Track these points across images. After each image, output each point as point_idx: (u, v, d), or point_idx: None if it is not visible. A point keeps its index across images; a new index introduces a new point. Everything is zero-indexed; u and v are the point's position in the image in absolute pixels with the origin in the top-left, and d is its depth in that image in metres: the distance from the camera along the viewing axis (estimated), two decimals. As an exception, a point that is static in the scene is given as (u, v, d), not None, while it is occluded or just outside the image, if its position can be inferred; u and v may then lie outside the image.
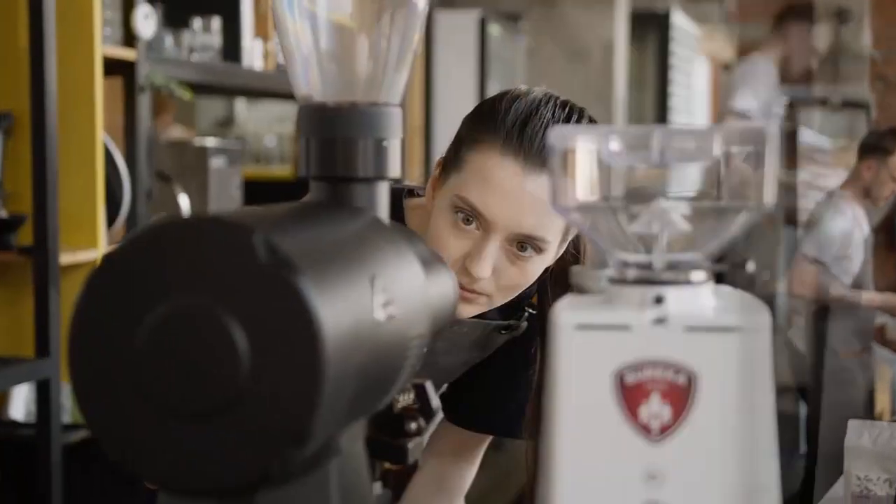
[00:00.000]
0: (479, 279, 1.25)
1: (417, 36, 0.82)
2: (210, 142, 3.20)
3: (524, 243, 1.25)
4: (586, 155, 0.69)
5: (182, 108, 4.25)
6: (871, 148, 4.29)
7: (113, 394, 0.61)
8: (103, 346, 0.61)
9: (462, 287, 1.25)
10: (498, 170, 1.23)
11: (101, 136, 2.56)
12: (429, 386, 0.83)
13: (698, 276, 0.68)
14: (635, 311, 0.67)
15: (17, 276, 2.50)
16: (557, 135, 0.69)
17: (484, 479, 1.72)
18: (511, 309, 1.39)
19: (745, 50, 9.61)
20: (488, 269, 1.25)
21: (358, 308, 0.64)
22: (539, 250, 1.26)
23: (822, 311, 4.39)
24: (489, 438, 1.55)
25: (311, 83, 0.80)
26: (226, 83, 3.29)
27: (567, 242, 1.33)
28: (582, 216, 0.71)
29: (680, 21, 7.49)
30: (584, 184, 0.70)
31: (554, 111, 1.27)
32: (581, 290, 0.75)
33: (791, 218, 4.53)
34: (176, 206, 2.89)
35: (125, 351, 0.61)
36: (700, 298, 0.68)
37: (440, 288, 0.81)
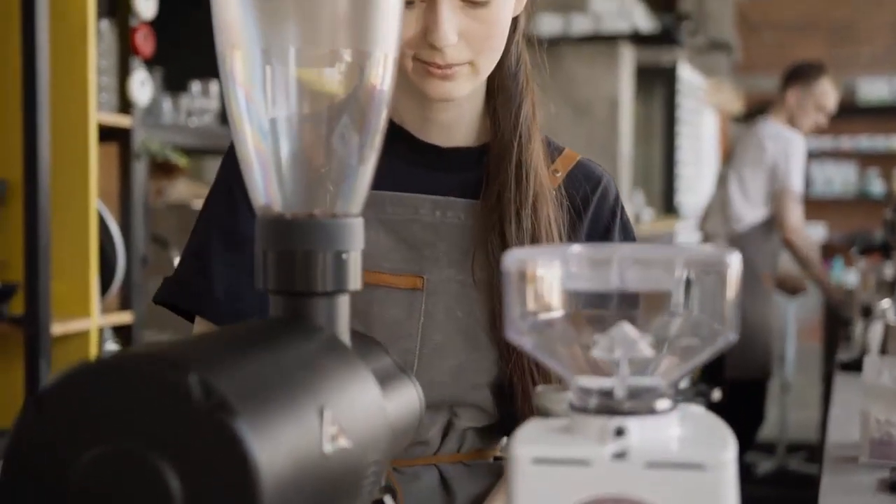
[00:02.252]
0: (446, 47, 1.16)
1: (379, 140, 0.80)
2: (209, 204, 3.18)
3: None
4: (543, 278, 0.67)
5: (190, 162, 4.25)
6: (795, 76, 4.44)
7: (41, 542, 0.58)
8: (35, 488, 0.59)
9: (437, 66, 1.18)
10: None
11: (95, 204, 2.54)
12: (388, 501, 0.80)
13: (662, 404, 0.65)
14: (595, 444, 0.64)
15: (8, 346, 2.48)
16: (513, 257, 0.67)
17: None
18: None
19: (752, 101, 9.65)
20: (451, 33, 1.16)
21: (303, 445, 0.61)
22: None
23: (751, 233, 4.42)
24: None
25: (269, 193, 0.78)
26: (224, 147, 3.28)
27: None
28: (539, 340, 0.68)
29: (686, 74, 7.49)
30: (540, 307, 0.67)
31: None
32: (544, 413, 0.72)
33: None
34: (172, 271, 2.87)
35: (57, 495, 0.58)
36: (664, 429, 0.65)
37: (401, 403, 0.79)
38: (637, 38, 5.54)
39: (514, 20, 1.26)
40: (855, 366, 2.72)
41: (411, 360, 1.24)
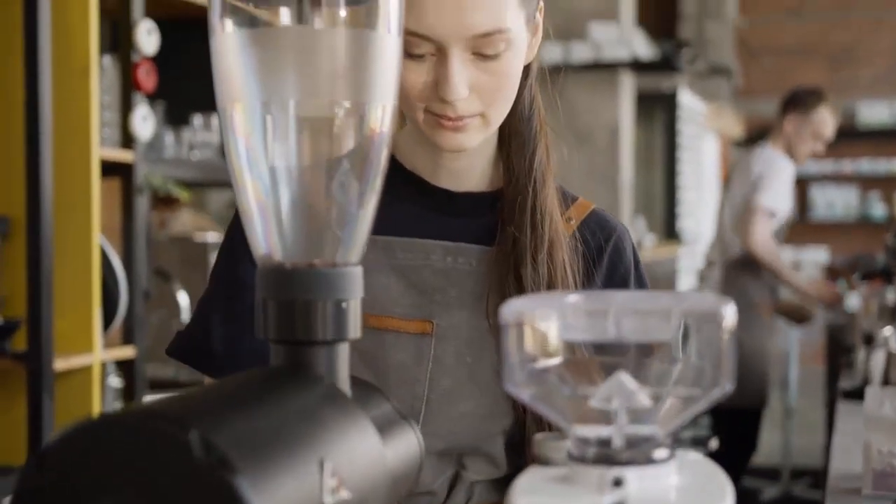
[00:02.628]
0: (457, 101, 1.15)
1: (377, 188, 0.80)
2: (211, 237, 3.20)
3: (485, 44, 1.14)
4: (541, 329, 0.67)
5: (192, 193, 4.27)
6: (793, 104, 4.45)
7: None
8: (37, 544, 0.59)
9: (448, 118, 1.17)
10: None
11: (97, 239, 2.55)
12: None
13: (660, 453, 0.66)
14: (593, 495, 0.64)
15: (11, 382, 2.49)
16: (510, 310, 0.67)
17: None
18: None
19: (752, 125, 9.68)
20: (462, 87, 1.15)
21: (304, 498, 0.62)
22: (506, 43, 1.15)
23: (744, 262, 4.42)
24: None
25: (269, 243, 0.79)
26: (225, 180, 3.30)
27: (535, 21, 1.23)
28: (537, 391, 0.68)
29: (687, 99, 7.52)
30: (538, 358, 0.68)
31: None
32: (543, 461, 0.72)
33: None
34: (175, 304, 2.88)
35: (59, 550, 0.58)
36: (662, 479, 0.65)
37: (401, 450, 0.79)
38: (637, 66, 5.57)
39: (527, 66, 1.26)
40: (857, 394, 2.72)
41: (419, 406, 1.22)
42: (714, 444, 3.99)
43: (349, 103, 0.78)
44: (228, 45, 0.77)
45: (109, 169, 2.68)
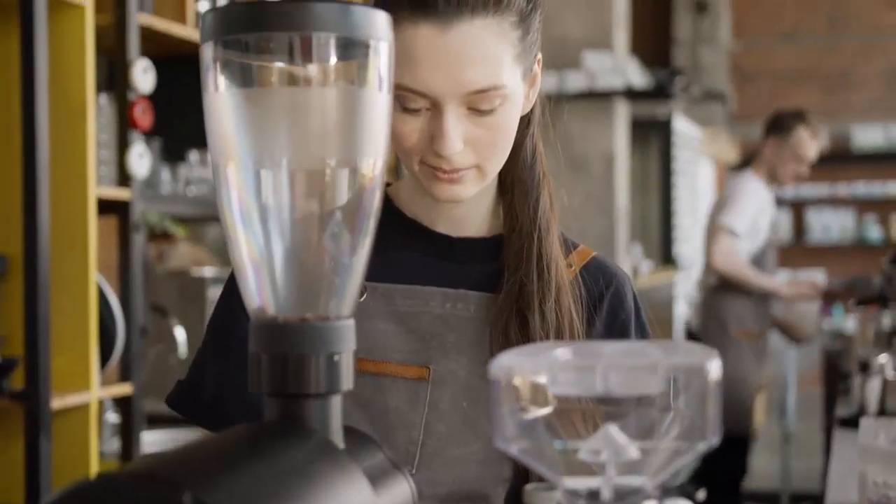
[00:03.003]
0: (452, 155, 1.16)
1: (369, 243, 0.82)
2: (208, 272, 3.21)
3: (481, 99, 1.15)
4: (530, 384, 0.68)
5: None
6: (772, 127, 4.47)
7: None
8: None
9: (443, 171, 1.18)
10: (415, 40, 1.13)
11: (94, 278, 2.56)
12: None
13: (648, 505, 0.67)
14: (583, 547, 0.65)
15: (8, 421, 2.49)
16: (500, 366, 0.68)
17: None
18: None
19: (748, 150, 9.73)
20: (457, 141, 1.15)
21: (296, 555, 0.63)
22: (501, 99, 1.16)
23: (720, 288, 4.42)
24: None
25: (262, 297, 0.80)
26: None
27: (532, 73, 1.23)
28: (527, 445, 0.70)
29: (682, 126, 7.55)
30: (528, 412, 0.69)
31: None
32: (534, 512, 0.73)
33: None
34: (172, 339, 2.89)
35: None
36: (650, 530, 0.66)
37: (393, 499, 0.80)
38: (631, 94, 5.60)
39: (529, 114, 1.26)
40: (854, 422, 2.72)
41: (413, 451, 1.23)
42: (702, 495, 3.99)
43: (341, 159, 0.79)
44: (221, 104, 0.79)
45: (106, 207, 2.70)
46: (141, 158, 2.72)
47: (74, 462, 2.50)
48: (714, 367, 0.66)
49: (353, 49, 0.80)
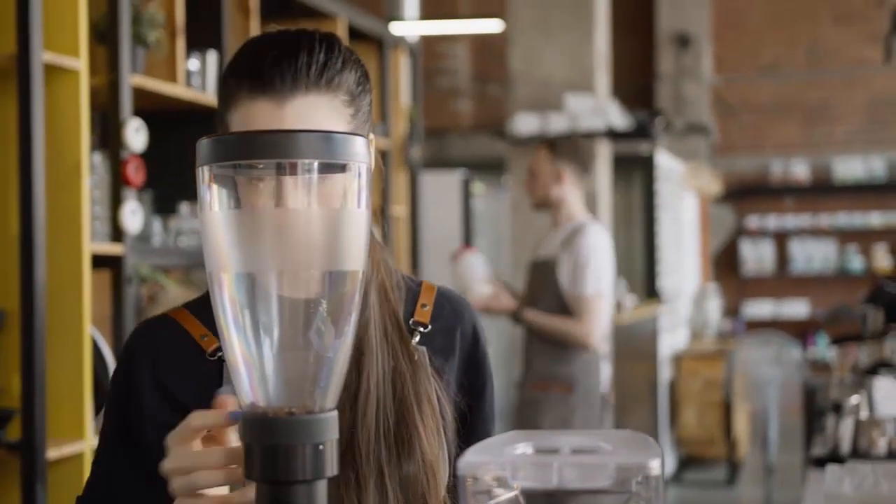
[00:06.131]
0: None
1: (350, 343, 0.91)
2: (198, 318, 3.28)
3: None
4: (493, 480, 0.77)
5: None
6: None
7: None
8: None
9: None
10: (253, 114, 1.19)
11: (88, 330, 2.64)
12: None
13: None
14: None
15: (6, 471, 2.56)
16: (466, 463, 0.77)
17: None
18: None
19: (731, 182, 9.85)
20: None
21: None
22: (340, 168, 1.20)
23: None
24: None
25: (254, 393, 0.89)
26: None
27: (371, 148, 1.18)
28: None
29: (664, 161, 7.66)
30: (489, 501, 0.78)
31: (278, 32, 1.23)
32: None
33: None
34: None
35: None
36: None
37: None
38: (613, 135, 5.70)
39: None
40: (827, 461, 2.79)
41: None
42: None
43: (325, 270, 0.89)
44: (215, 221, 0.88)
45: (100, 261, 2.78)
46: (133, 214, 2.81)
47: (69, 509, 2.57)
48: (655, 465, 0.75)
49: (334, 171, 0.90)
